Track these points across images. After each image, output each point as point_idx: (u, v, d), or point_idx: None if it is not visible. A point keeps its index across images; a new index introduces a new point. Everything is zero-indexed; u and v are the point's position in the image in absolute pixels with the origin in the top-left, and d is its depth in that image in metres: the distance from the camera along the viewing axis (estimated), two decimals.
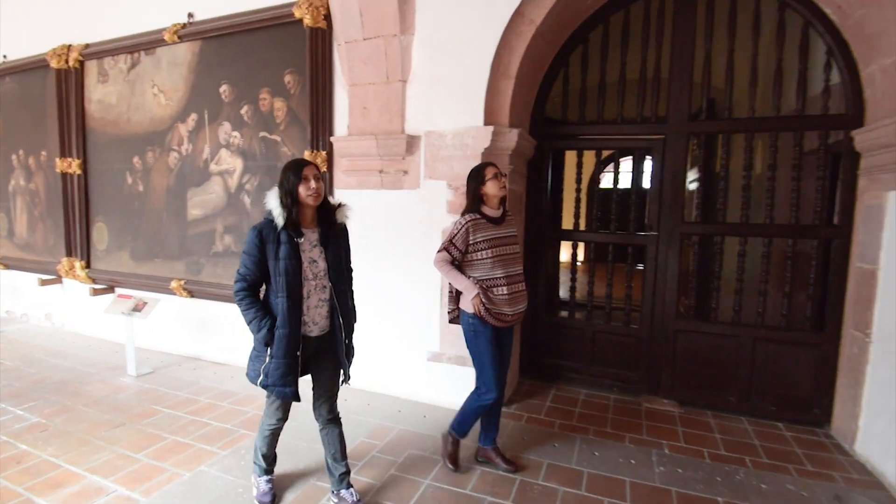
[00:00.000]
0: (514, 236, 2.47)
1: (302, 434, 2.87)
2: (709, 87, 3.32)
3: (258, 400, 3.41)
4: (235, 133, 4.01)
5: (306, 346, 2.02)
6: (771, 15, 3.08)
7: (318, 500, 2.28)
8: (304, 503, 2.26)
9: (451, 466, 2.50)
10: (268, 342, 1.96)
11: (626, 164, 8.62)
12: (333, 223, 2.08)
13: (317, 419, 2.21)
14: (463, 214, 2.39)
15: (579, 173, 3.69)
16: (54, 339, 4.79)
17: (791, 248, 3.16)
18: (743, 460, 2.65)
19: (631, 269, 3.60)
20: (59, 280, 5.06)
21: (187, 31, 4.05)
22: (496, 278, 2.33)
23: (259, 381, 2.03)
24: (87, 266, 4.80)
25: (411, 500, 2.28)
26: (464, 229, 2.32)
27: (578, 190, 3.68)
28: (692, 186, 4.55)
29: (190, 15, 4.07)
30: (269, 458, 2.28)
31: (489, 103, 3.10)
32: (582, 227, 3.78)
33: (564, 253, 4.46)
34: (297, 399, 2.05)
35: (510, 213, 2.51)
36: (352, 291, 2.23)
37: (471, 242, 2.32)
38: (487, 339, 2.36)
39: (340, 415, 2.25)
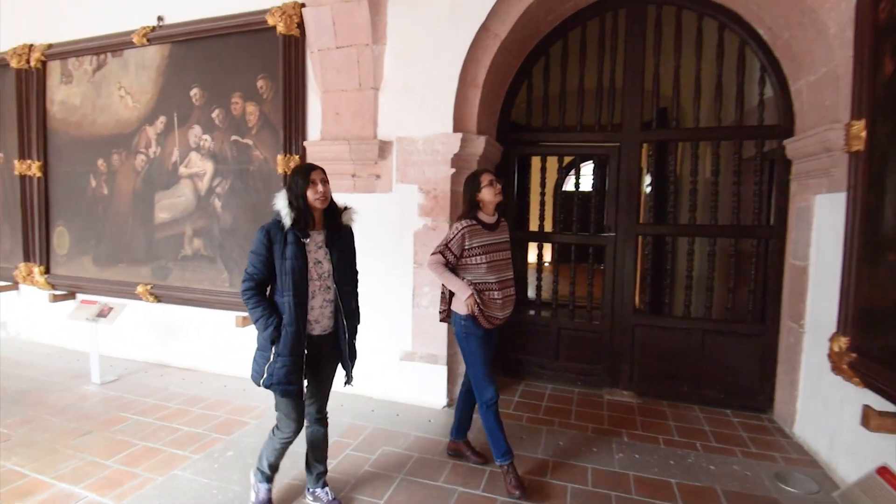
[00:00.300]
0: (507, 242, 2.52)
1: None
2: (658, 99, 3.59)
3: (229, 405, 3.42)
4: (206, 136, 4.01)
5: (310, 345, 2.05)
6: (712, 34, 3.36)
7: (294, 499, 2.34)
8: (281, 502, 2.31)
9: (516, 493, 2.31)
10: (274, 340, 1.97)
11: (588, 168, 8.98)
12: (339, 226, 2.13)
13: (305, 417, 2.22)
14: (459, 220, 2.42)
15: (543, 178, 3.89)
16: (11, 349, 4.61)
17: (734, 247, 3.45)
18: (694, 444, 2.87)
19: (592, 268, 3.81)
20: (15, 286, 4.88)
21: (157, 35, 4.04)
22: (489, 283, 2.37)
23: (262, 381, 2.03)
24: (47, 272, 4.66)
25: (385, 493, 2.37)
26: (460, 235, 2.35)
27: (543, 193, 3.87)
28: (648, 189, 4.84)
29: (160, 18, 4.07)
30: (274, 467, 2.25)
31: (458, 111, 3.25)
32: (547, 228, 3.97)
33: (531, 254, 4.63)
34: (301, 396, 2.08)
35: (504, 220, 2.55)
36: (356, 293, 2.28)
37: (466, 248, 2.36)
38: (478, 338, 2.39)
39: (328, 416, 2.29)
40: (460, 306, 2.38)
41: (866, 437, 2.15)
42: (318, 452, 2.27)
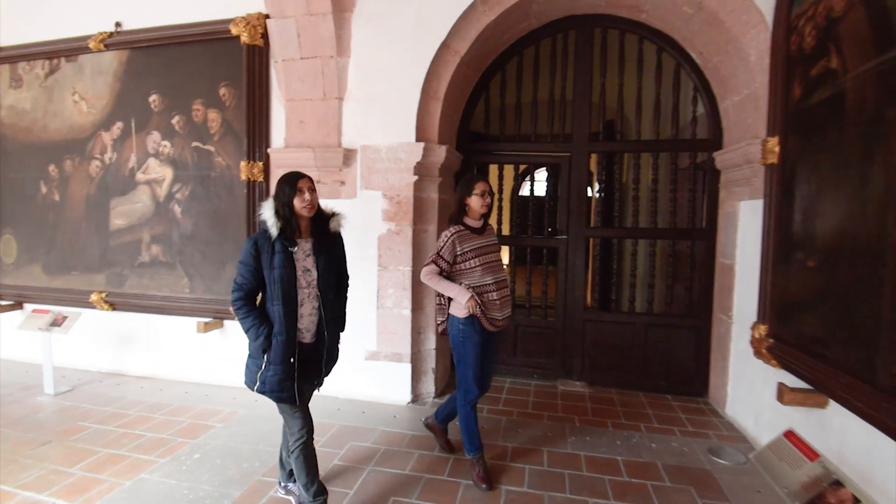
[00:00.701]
0: (495, 244, 2.56)
1: (245, 439, 2.97)
2: (605, 112, 3.90)
3: (192, 410, 3.41)
4: (165, 142, 3.99)
5: (301, 352, 2.04)
6: (651, 56, 3.70)
7: (266, 494, 2.40)
8: (252, 497, 2.37)
9: (483, 486, 2.41)
10: (265, 349, 1.98)
11: (542, 174, 9.37)
12: (327, 232, 2.13)
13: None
14: (449, 226, 2.47)
15: (500, 184, 4.12)
16: None
17: (671, 247, 3.80)
18: (638, 426, 3.14)
19: (546, 269, 4.06)
20: None
21: (115, 40, 3.99)
22: (486, 284, 2.40)
23: (256, 388, 2.03)
24: None
25: (355, 484, 2.48)
26: (450, 241, 2.39)
27: (500, 199, 4.10)
28: (598, 195, 5.17)
29: (118, 24, 4.02)
30: (315, 489, 2.10)
31: (420, 122, 3.42)
32: (505, 231, 4.20)
33: None
34: (295, 403, 2.06)
35: (490, 225, 2.61)
36: (344, 299, 2.28)
37: (458, 253, 2.39)
38: (475, 343, 2.41)
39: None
40: (460, 310, 2.39)
41: (784, 413, 2.46)
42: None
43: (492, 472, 2.53)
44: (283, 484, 2.36)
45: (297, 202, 1.98)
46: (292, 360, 2.00)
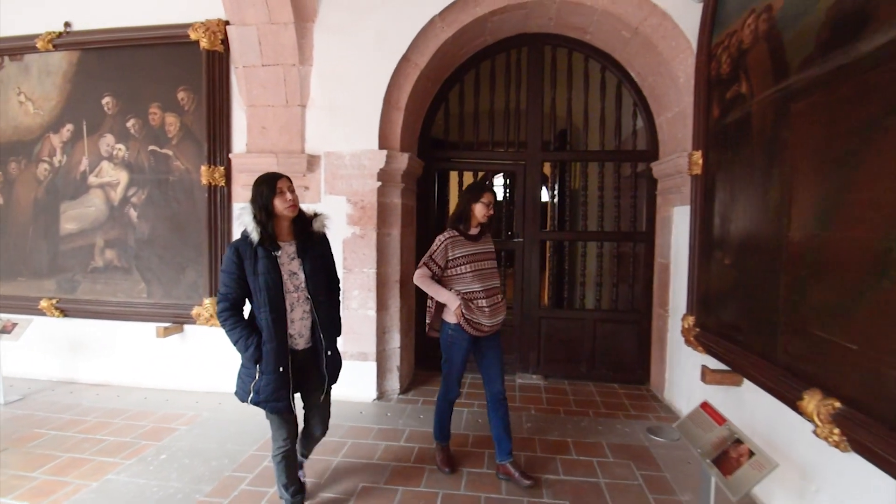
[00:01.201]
0: (491, 252, 2.57)
1: (212, 439, 3.01)
2: (556, 122, 4.20)
3: (154, 415, 3.40)
4: (120, 145, 3.94)
5: (294, 360, 1.99)
6: (596, 73, 4.03)
7: (237, 487, 2.48)
8: (224, 491, 2.44)
9: (446, 470, 2.58)
10: (257, 360, 1.93)
11: (500, 179, 9.72)
12: (310, 234, 2.08)
13: (314, 433, 2.29)
14: (444, 230, 2.52)
15: (460, 189, 4.33)
16: None
17: (616, 249, 4.14)
18: (587, 412, 3.43)
19: (504, 270, 4.31)
20: None
21: (64, 41, 3.90)
22: (475, 291, 2.41)
23: (250, 399, 1.97)
24: None
25: (326, 473, 2.61)
26: (443, 246, 2.43)
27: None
28: (554, 200, 5.49)
29: (67, 24, 3.93)
30: (293, 488, 2.14)
31: (383, 130, 3.58)
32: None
33: None
34: (291, 412, 2.03)
35: (487, 233, 2.61)
36: (337, 302, 2.23)
37: (450, 258, 2.42)
38: (462, 349, 2.46)
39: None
40: (449, 315, 2.43)
41: (709, 392, 2.78)
42: (308, 444, 2.35)
43: (455, 457, 2.72)
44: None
45: (278, 203, 1.92)
46: (282, 368, 1.93)
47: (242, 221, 1.94)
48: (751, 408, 2.42)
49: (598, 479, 2.55)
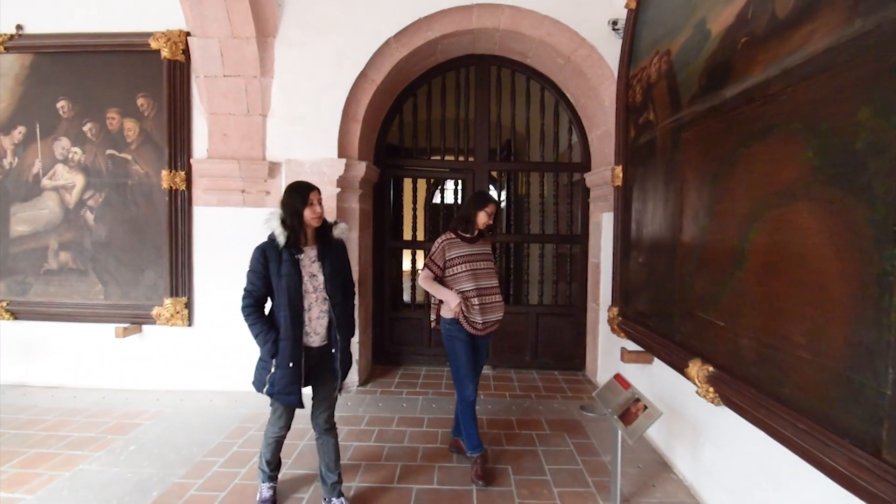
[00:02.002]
0: (487, 253, 2.70)
1: (179, 431, 3.16)
2: (500, 135, 4.62)
3: (115, 412, 3.48)
4: (76, 149, 3.97)
5: (308, 356, 2.13)
6: (536, 92, 4.49)
7: (210, 469, 2.66)
8: (197, 473, 2.62)
9: (480, 483, 2.50)
10: (273, 354, 2.07)
11: (452, 183, 10.15)
12: (330, 240, 2.22)
13: (314, 428, 2.31)
14: (444, 232, 2.74)
15: (414, 194, 4.67)
16: None
17: (556, 250, 4.61)
18: (530, 395, 3.85)
19: None
20: None
21: (16, 43, 3.90)
22: (468, 290, 2.56)
23: (265, 390, 2.12)
24: None
25: (293, 454, 2.85)
26: (440, 248, 2.63)
27: (415, 208, 4.64)
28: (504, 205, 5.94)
29: (19, 27, 3.93)
30: (273, 465, 2.34)
31: (341, 140, 3.85)
32: (420, 237, 4.74)
33: (406, 261, 5.36)
34: (301, 406, 2.17)
35: (485, 235, 2.73)
36: (352, 304, 2.34)
37: (448, 259, 2.61)
38: (462, 341, 2.60)
39: (336, 425, 2.34)
40: (448, 312, 2.62)
41: (629, 371, 3.26)
42: (330, 462, 2.29)
43: (413, 437, 3.03)
44: (326, 499, 2.31)
45: (307, 213, 2.09)
46: (292, 364, 2.07)
47: (270, 225, 2.09)
48: (658, 380, 2.90)
49: (536, 447, 2.96)
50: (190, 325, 3.95)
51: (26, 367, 4.06)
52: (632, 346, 3.15)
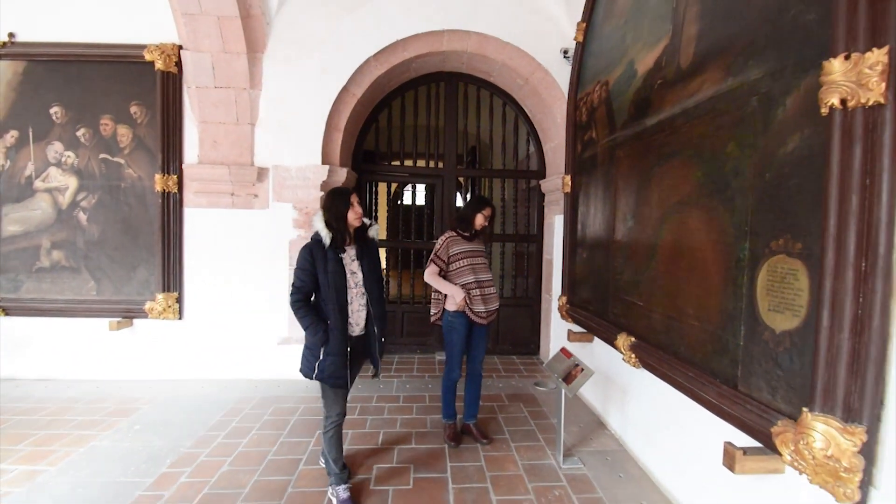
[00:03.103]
0: (481, 251, 3.04)
1: (178, 413, 3.49)
2: (467, 142, 5.12)
3: (111, 399, 3.74)
4: (69, 153, 4.20)
5: (351, 344, 2.33)
6: (499, 107, 5.03)
7: (214, 441, 3.03)
8: (203, 445, 2.99)
9: (452, 444, 2.96)
10: (323, 343, 2.26)
11: (422, 186, 10.60)
12: (367, 240, 2.44)
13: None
14: (445, 231, 3.08)
15: (389, 196, 5.11)
16: None
17: (515, 248, 5.15)
18: (491, 375, 4.38)
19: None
20: None
21: (9, 51, 4.09)
22: (470, 282, 2.90)
23: (315, 376, 2.30)
24: None
25: (286, 428, 3.24)
26: (444, 244, 2.96)
27: (388, 209, 5.09)
28: None
29: (11, 35, 4.12)
30: (341, 463, 2.39)
31: (324, 148, 4.25)
32: (395, 237, 5.19)
33: (382, 258, 5.77)
34: (347, 388, 2.36)
35: (480, 236, 3.08)
36: (384, 298, 2.51)
37: (451, 254, 2.94)
38: (460, 334, 2.93)
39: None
40: (452, 305, 2.91)
41: (575, 350, 3.81)
42: (333, 446, 2.43)
43: (392, 411, 3.48)
44: (331, 486, 2.44)
45: (350, 215, 2.30)
46: (343, 351, 2.28)
47: (315, 227, 2.32)
48: (598, 355, 3.46)
49: (497, 415, 3.48)
50: (180, 318, 4.25)
51: (17, 362, 4.24)
52: (576, 328, 3.71)
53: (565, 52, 4.15)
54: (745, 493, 1.91)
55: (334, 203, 2.29)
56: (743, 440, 1.78)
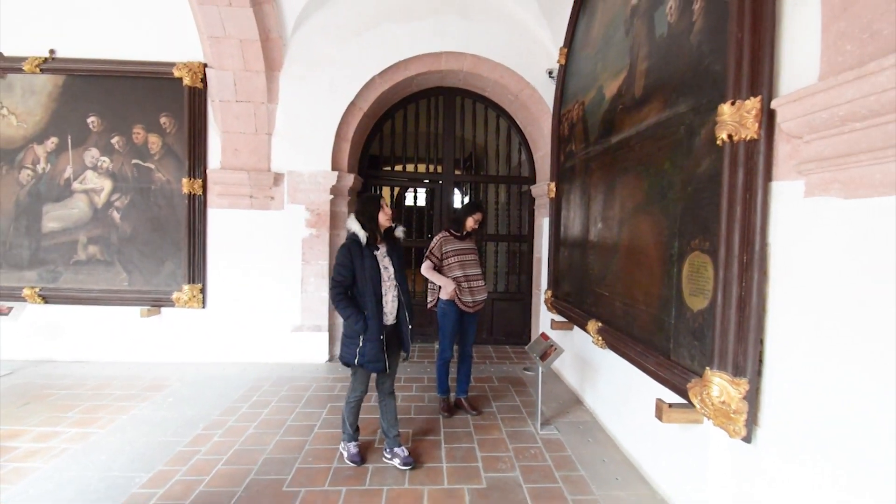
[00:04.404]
0: (473, 249, 3.49)
1: (206, 390, 3.97)
2: (464, 149, 5.60)
3: (145, 378, 4.21)
4: (104, 158, 4.68)
5: (386, 331, 2.61)
6: (493, 119, 5.50)
7: (239, 411, 3.50)
8: (229, 414, 3.46)
9: (445, 414, 3.43)
10: (363, 330, 2.53)
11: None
12: (394, 239, 2.73)
13: (379, 392, 2.82)
14: (440, 232, 3.53)
15: (392, 199, 5.58)
16: None
17: (508, 247, 5.63)
18: (485, 361, 4.86)
19: None
20: None
21: (50, 66, 4.57)
22: (459, 276, 3.38)
23: (356, 361, 2.57)
24: None
25: (301, 401, 3.71)
26: (438, 243, 3.43)
27: (392, 210, 5.55)
28: None
29: (51, 51, 4.60)
30: (354, 427, 2.80)
31: (334, 156, 4.73)
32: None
33: None
34: (385, 371, 2.64)
35: (471, 235, 3.51)
36: (408, 289, 2.79)
37: (444, 252, 3.41)
38: (452, 319, 3.39)
39: (379, 390, 2.81)
40: (445, 294, 3.37)
41: (557, 337, 4.28)
42: (391, 419, 2.81)
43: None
44: (389, 449, 2.81)
45: (381, 216, 2.61)
46: (380, 337, 2.56)
47: (350, 228, 2.62)
48: (576, 342, 3.93)
49: (487, 393, 3.95)
50: (204, 307, 4.73)
51: (53, 345, 4.72)
52: (559, 318, 4.18)
53: (550, 72, 4.63)
54: (677, 443, 2.38)
55: (367, 206, 2.62)
56: (673, 398, 2.24)
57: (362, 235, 2.58)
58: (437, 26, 4.66)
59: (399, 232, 2.79)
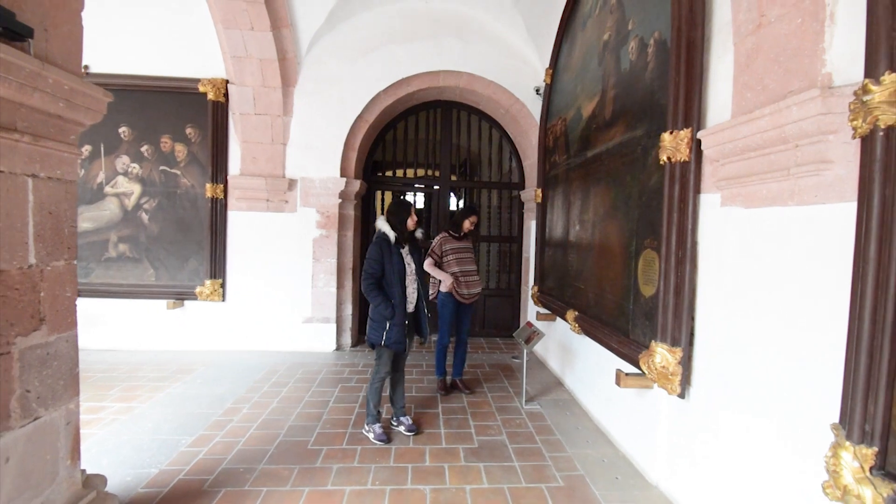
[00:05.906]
0: (469, 248, 4.02)
1: (229, 373, 4.44)
2: (459, 156, 6.10)
3: (173, 364, 4.65)
4: (134, 165, 5.16)
5: (407, 318, 3.05)
6: (486, 129, 6.01)
7: (261, 390, 3.98)
8: (252, 393, 3.94)
9: (442, 392, 3.92)
10: (390, 316, 2.92)
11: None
12: (415, 240, 3.19)
13: (392, 368, 3.18)
14: (440, 233, 4.04)
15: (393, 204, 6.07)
16: None
17: (500, 248, 6.14)
18: (477, 351, 5.35)
19: None
20: None
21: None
22: (456, 272, 3.88)
23: (383, 342, 2.96)
24: None
25: (314, 383, 4.19)
26: (439, 242, 3.93)
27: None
28: None
29: (86, 67, 5.07)
30: (378, 408, 3.13)
31: (342, 164, 5.22)
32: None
33: None
34: (405, 352, 3.13)
35: (468, 235, 4.03)
36: (426, 283, 3.36)
37: (443, 250, 3.91)
38: (450, 309, 3.90)
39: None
40: (444, 287, 3.89)
41: (546, 329, 4.79)
42: (400, 391, 3.29)
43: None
44: (396, 417, 3.28)
45: (409, 221, 3.10)
46: (404, 322, 2.99)
47: (380, 227, 3.07)
48: (558, 331, 4.44)
49: (479, 377, 4.45)
50: (224, 300, 5.20)
51: (86, 335, 5.17)
52: (543, 310, 4.68)
53: (538, 89, 5.14)
54: (634, 407, 2.89)
55: (399, 211, 3.09)
56: (630, 369, 2.75)
57: (392, 235, 3.02)
58: (435, 47, 5.17)
59: (419, 234, 3.25)
